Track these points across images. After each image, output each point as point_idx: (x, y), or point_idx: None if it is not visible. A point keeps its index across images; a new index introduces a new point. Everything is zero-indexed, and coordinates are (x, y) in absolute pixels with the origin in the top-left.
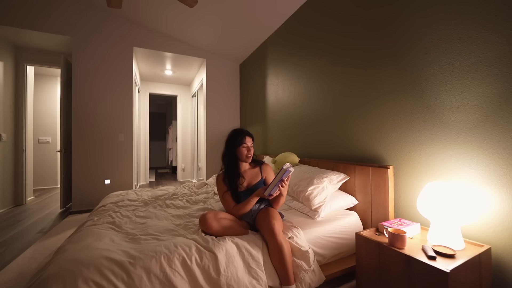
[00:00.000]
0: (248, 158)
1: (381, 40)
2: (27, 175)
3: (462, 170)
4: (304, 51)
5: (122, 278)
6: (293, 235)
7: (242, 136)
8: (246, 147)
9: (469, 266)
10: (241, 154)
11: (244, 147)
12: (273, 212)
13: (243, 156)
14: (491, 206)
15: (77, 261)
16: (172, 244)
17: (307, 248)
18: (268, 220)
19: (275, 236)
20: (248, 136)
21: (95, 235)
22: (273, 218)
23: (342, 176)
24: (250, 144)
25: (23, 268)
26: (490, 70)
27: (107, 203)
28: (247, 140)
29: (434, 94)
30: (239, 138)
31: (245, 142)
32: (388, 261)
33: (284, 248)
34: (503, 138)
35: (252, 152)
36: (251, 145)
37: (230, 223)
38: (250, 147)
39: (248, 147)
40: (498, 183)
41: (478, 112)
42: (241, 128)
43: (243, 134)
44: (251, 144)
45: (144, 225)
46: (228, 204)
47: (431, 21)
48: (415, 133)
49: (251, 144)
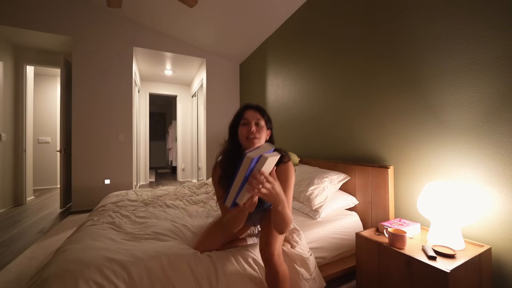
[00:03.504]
0: (249, 141)
1: (381, 40)
2: (27, 175)
3: (462, 170)
4: (304, 51)
5: (123, 277)
6: (294, 243)
7: (240, 110)
8: (245, 123)
9: (469, 266)
10: (241, 136)
11: (244, 125)
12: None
13: (242, 138)
14: (491, 206)
15: (77, 261)
16: (173, 245)
17: (308, 255)
18: (267, 241)
19: (273, 262)
20: (249, 110)
21: (95, 235)
22: (273, 237)
23: (343, 176)
24: (253, 120)
25: (23, 268)
26: (490, 70)
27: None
28: (247, 114)
29: (434, 93)
30: (237, 113)
31: (244, 117)
32: (388, 261)
33: (280, 276)
34: (503, 138)
35: (258, 133)
36: (255, 121)
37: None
38: (254, 124)
39: (249, 124)
40: (499, 183)
41: (478, 112)
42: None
43: (242, 108)
44: (257, 121)
45: (144, 225)
46: (223, 210)
47: (431, 20)
48: (415, 133)
49: (255, 121)
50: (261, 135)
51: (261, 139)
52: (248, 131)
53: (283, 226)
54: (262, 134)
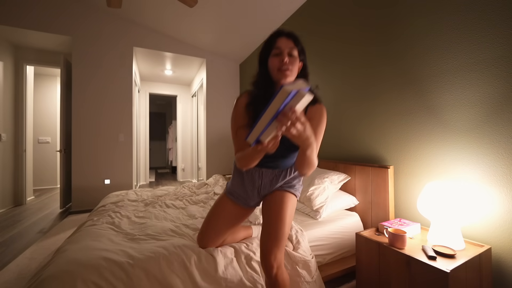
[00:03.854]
0: (281, 73)
1: (381, 40)
2: (27, 175)
3: (462, 170)
4: None
5: (121, 278)
6: (297, 244)
7: (271, 37)
8: (277, 54)
9: (469, 266)
10: (272, 67)
11: (276, 55)
12: (279, 232)
13: (274, 70)
14: (492, 206)
15: (76, 261)
16: (172, 245)
17: (310, 258)
18: (267, 249)
19: (272, 274)
20: (282, 37)
21: (94, 236)
22: (275, 245)
23: (343, 176)
24: (286, 49)
25: (23, 269)
26: (490, 70)
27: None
28: (279, 42)
29: (434, 93)
30: (267, 40)
31: (276, 46)
32: (388, 261)
33: (280, 286)
34: (503, 138)
35: (291, 64)
36: (288, 51)
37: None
38: (286, 54)
39: (282, 54)
40: (499, 183)
41: (478, 112)
42: None
43: (274, 34)
44: (290, 50)
45: (144, 225)
46: (238, 146)
47: (432, 20)
48: (415, 133)
49: (288, 50)
50: (294, 67)
51: (293, 72)
52: (280, 62)
53: (307, 169)
54: (295, 66)
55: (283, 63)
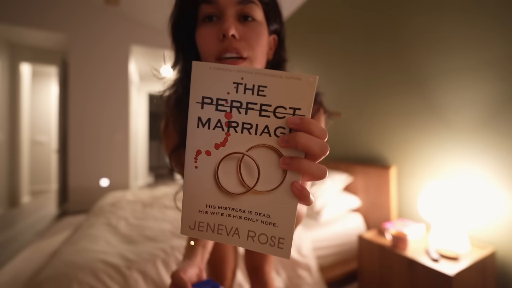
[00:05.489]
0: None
1: (383, 39)
2: (23, 175)
3: (466, 171)
4: (304, 51)
5: (118, 281)
6: (299, 245)
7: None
8: (211, 16)
9: (473, 270)
10: (204, 50)
11: (208, 22)
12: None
13: (207, 56)
14: (496, 208)
15: (72, 264)
16: (170, 247)
17: (311, 259)
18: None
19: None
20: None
21: (91, 238)
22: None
23: (345, 176)
24: (232, 3)
25: (18, 271)
26: (495, 69)
27: (104, 204)
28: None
29: (438, 93)
30: None
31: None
32: (391, 264)
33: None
34: (509, 139)
35: (249, 41)
36: (238, 8)
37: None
38: (233, 15)
39: (222, 15)
40: (504, 184)
41: (483, 112)
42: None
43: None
44: (242, 7)
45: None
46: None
47: (435, 19)
48: (418, 133)
49: (238, 6)
50: (255, 46)
51: (256, 57)
52: (219, 37)
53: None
54: (259, 44)
55: (227, 39)
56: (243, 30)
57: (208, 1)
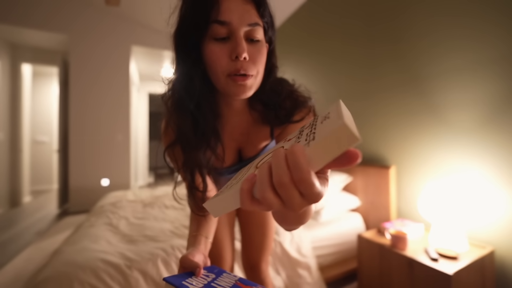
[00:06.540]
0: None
1: (383, 39)
2: (24, 175)
3: (465, 171)
4: (304, 51)
5: (118, 281)
6: (299, 244)
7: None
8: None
9: (472, 269)
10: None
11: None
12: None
13: (216, 73)
14: (496, 207)
15: (73, 263)
16: (170, 246)
17: (311, 259)
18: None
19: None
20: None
21: (92, 237)
22: (262, 259)
23: (345, 176)
24: (243, 24)
25: (19, 270)
26: (494, 69)
27: (105, 204)
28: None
29: (437, 93)
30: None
31: (220, 18)
32: (390, 263)
33: None
34: (509, 138)
35: (256, 61)
36: (247, 30)
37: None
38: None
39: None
40: (503, 184)
41: (482, 112)
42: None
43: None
44: (250, 30)
45: (142, 226)
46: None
47: (435, 18)
48: (417, 133)
49: (246, 27)
50: (260, 63)
51: (259, 75)
52: (232, 57)
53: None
54: (260, 60)
55: (239, 61)
56: (251, 51)
57: (221, 22)
